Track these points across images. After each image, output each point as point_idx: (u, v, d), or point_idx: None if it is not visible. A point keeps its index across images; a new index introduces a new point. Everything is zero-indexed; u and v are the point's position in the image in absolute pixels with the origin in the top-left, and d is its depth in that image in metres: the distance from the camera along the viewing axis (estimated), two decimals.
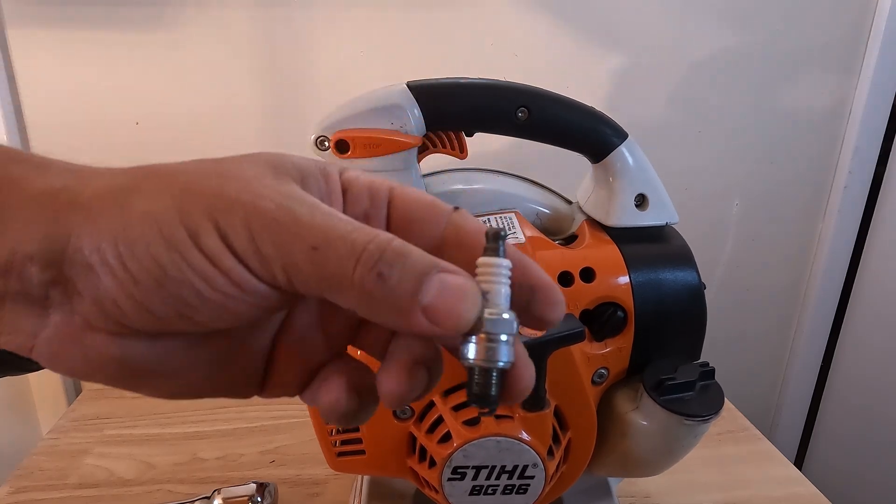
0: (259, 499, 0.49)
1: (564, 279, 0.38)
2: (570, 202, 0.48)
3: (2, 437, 0.81)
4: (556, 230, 0.46)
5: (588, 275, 0.39)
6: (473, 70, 0.44)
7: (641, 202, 0.43)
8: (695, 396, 0.38)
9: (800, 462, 1.04)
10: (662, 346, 0.40)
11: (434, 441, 0.37)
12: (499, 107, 0.40)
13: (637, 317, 0.39)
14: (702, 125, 0.84)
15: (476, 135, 0.42)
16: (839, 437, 1.00)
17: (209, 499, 0.50)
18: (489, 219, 0.43)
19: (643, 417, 0.39)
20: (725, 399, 0.39)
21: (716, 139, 0.85)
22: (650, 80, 0.80)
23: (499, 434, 0.36)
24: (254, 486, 0.50)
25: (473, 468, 0.37)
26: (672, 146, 0.84)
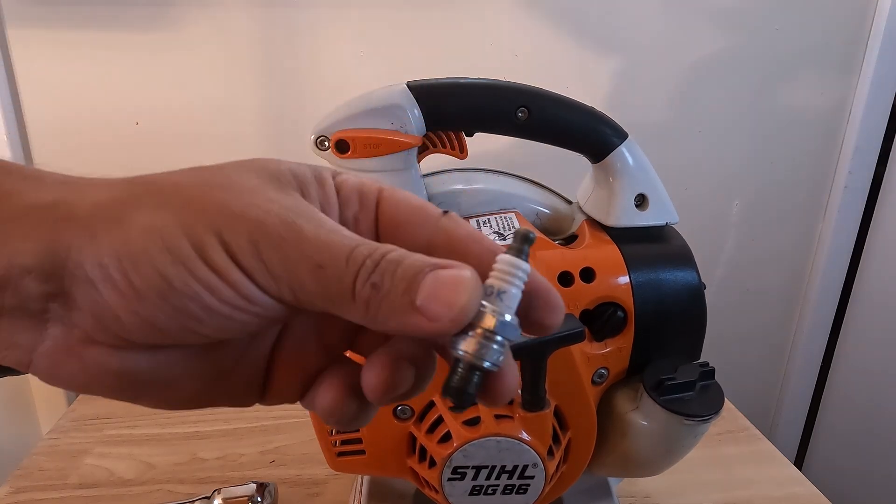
0: (259, 499, 0.49)
1: (564, 279, 0.38)
2: (570, 202, 0.47)
3: (2, 437, 0.81)
4: (556, 230, 0.46)
5: (588, 275, 0.39)
6: (473, 70, 0.44)
7: (641, 202, 0.43)
8: (695, 396, 0.38)
9: (800, 462, 1.04)
10: (662, 346, 0.40)
11: (434, 441, 0.37)
12: (499, 107, 0.40)
13: (637, 317, 0.39)
14: (702, 125, 0.84)
15: (476, 135, 0.42)
16: (839, 437, 1.00)
17: (209, 499, 0.50)
18: (489, 219, 0.43)
19: (643, 417, 0.39)
20: (725, 399, 0.39)
21: (716, 139, 0.85)
22: (650, 80, 0.80)
23: (499, 434, 0.36)
24: (254, 486, 0.50)
25: (473, 468, 0.37)
26: (672, 146, 0.84)
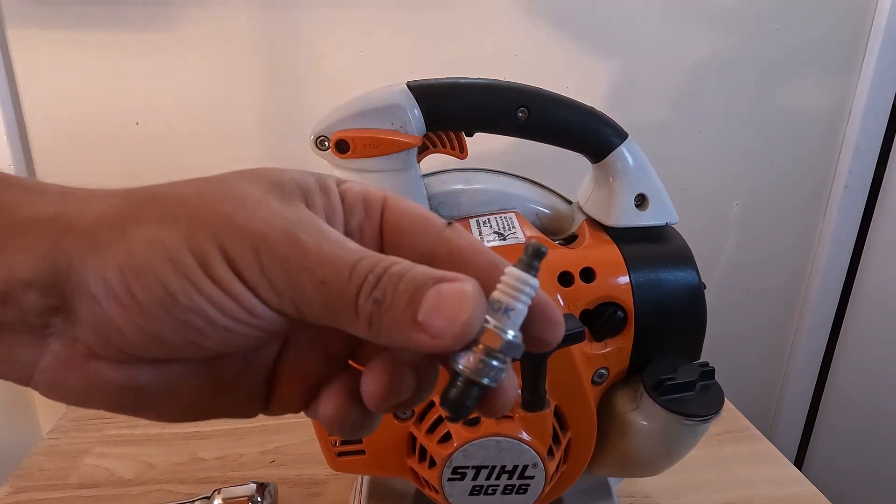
0: (259, 499, 0.49)
1: (564, 279, 0.38)
2: (570, 202, 0.47)
3: (2, 437, 0.80)
4: (556, 230, 0.46)
5: (588, 275, 0.39)
6: (473, 70, 0.44)
7: (641, 202, 0.43)
8: (695, 396, 0.38)
9: (800, 462, 1.04)
10: (662, 346, 0.40)
11: (434, 441, 0.37)
12: (499, 107, 0.40)
13: (637, 317, 0.39)
14: (702, 125, 0.84)
15: (476, 135, 0.42)
16: (839, 437, 1.00)
17: (209, 499, 0.50)
18: (489, 219, 0.43)
19: (643, 417, 0.39)
20: (725, 399, 0.39)
21: (716, 139, 0.85)
22: (650, 80, 0.80)
23: (499, 434, 0.36)
24: (254, 486, 0.50)
25: (473, 468, 0.37)
26: (672, 146, 0.84)
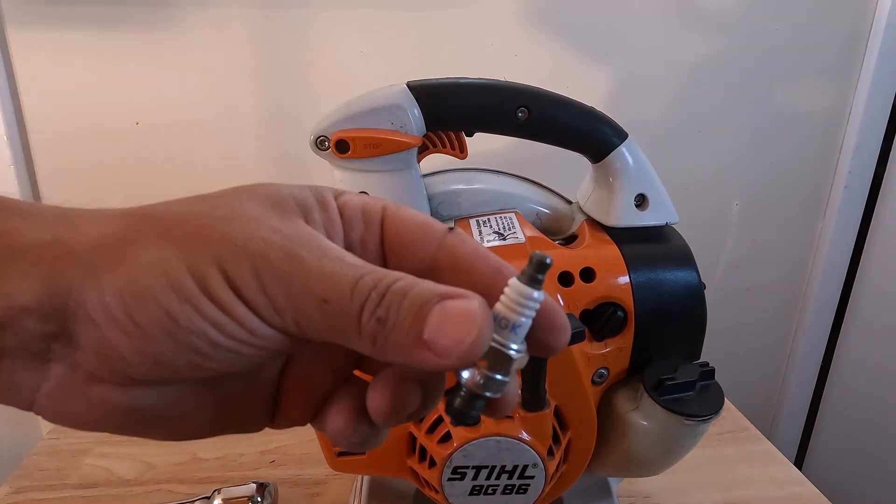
0: (259, 499, 0.49)
1: (564, 279, 0.38)
2: (570, 202, 0.47)
3: (2, 437, 0.80)
4: (556, 230, 0.46)
5: (588, 275, 0.39)
6: (473, 70, 0.44)
7: (641, 202, 0.43)
8: (695, 396, 0.38)
9: (800, 462, 1.04)
10: (662, 346, 0.40)
11: (434, 441, 0.37)
12: (499, 107, 0.40)
13: (637, 317, 0.39)
14: (702, 125, 0.84)
15: (476, 135, 0.42)
16: (839, 437, 1.00)
17: (209, 499, 0.50)
18: (489, 219, 0.43)
19: (643, 417, 0.39)
20: (725, 399, 0.39)
21: (716, 139, 0.85)
22: (650, 80, 0.80)
23: (499, 434, 0.36)
24: (254, 486, 0.50)
25: (473, 468, 0.37)
26: (672, 146, 0.84)
